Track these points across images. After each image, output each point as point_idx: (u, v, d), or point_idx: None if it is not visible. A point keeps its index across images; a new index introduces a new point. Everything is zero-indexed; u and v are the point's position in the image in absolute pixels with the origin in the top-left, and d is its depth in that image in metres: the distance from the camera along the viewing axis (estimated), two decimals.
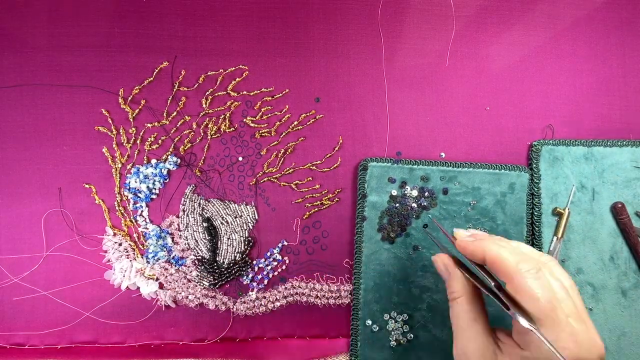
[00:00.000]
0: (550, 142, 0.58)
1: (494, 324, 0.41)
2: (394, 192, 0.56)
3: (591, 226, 0.57)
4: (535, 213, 0.57)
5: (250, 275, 0.56)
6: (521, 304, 0.36)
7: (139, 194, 0.56)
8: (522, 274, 0.36)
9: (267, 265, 0.57)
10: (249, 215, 0.57)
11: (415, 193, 0.56)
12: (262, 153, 0.57)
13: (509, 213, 0.57)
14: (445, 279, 0.42)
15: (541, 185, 0.57)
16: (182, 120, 0.56)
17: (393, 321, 0.56)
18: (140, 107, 0.56)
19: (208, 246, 0.56)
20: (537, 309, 0.35)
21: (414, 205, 0.56)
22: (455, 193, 0.57)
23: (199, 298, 0.56)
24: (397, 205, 0.56)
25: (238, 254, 0.56)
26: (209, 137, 0.56)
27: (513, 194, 0.57)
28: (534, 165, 0.57)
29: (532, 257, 0.38)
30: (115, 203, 0.56)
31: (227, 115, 0.57)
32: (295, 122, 0.57)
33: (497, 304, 0.38)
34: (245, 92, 0.57)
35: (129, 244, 0.56)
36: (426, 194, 0.56)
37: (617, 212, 0.56)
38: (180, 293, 0.56)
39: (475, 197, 0.57)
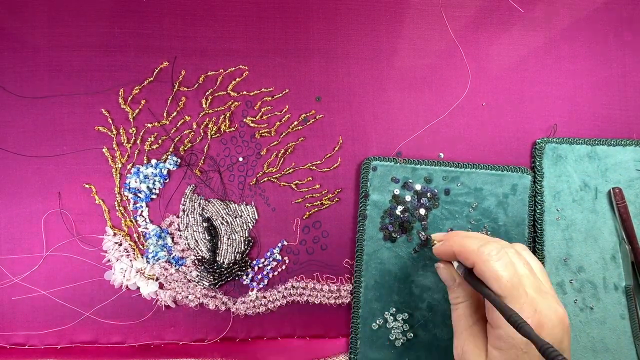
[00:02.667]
0: (554, 140, 0.58)
1: None
2: (397, 192, 0.56)
3: (593, 225, 0.57)
4: (538, 211, 0.57)
5: (250, 275, 0.56)
6: (488, 284, 0.38)
7: (139, 194, 0.56)
8: (484, 257, 0.38)
9: (267, 265, 0.57)
10: (248, 215, 0.57)
11: (417, 194, 0.56)
12: (262, 153, 0.57)
13: (510, 214, 0.57)
14: (448, 286, 0.44)
15: (544, 183, 0.57)
16: (182, 120, 0.56)
17: (393, 320, 0.56)
18: (140, 107, 0.56)
19: (208, 246, 0.56)
20: (500, 287, 0.37)
21: (417, 206, 0.56)
22: (457, 193, 0.57)
23: (199, 298, 0.55)
24: (400, 206, 0.56)
25: (238, 254, 0.56)
26: (209, 137, 0.56)
27: (515, 195, 0.57)
28: (537, 163, 0.57)
29: (495, 240, 0.40)
30: (115, 203, 0.56)
31: (227, 115, 0.57)
32: (295, 122, 0.57)
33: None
34: (245, 92, 0.57)
35: (129, 244, 0.56)
36: (429, 194, 0.56)
37: (616, 196, 0.56)
38: (180, 293, 0.56)
39: (477, 197, 0.57)
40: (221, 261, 0.56)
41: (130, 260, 0.55)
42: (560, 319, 0.37)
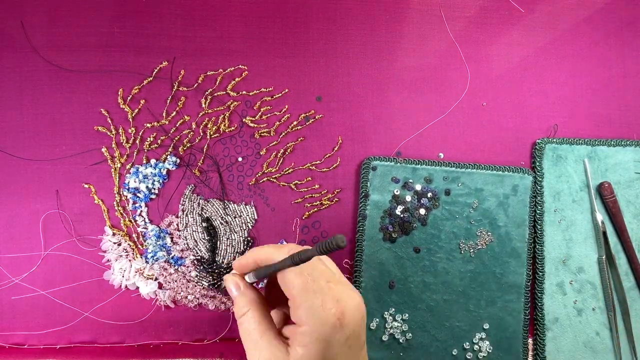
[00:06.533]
0: (554, 140, 0.58)
1: None
2: (397, 192, 0.56)
3: (593, 225, 0.57)
4: (538, 211, 0.57)
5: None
6: (291, 293, 0.38)
7: (138, 194, 0.56)
8: (265, 252, 0.40)
9: None
10: (248, 215, 0.57)
11: (417, 194, 0.56)
12: (261, 153, 0.57)
13: (511, 215, 0.57)
14: (233, 298, 0.42)
15: (544, 183, 0.57)
16: (181, 120, 0.56)
17: (392, 320, 0.56)
18: (139, 107, 0.56)
19: (207, 246, 0.56)
20: (297, 288, 0.37)
21: (417, 206, 0.56)
22: (458, 194, 0.57)
23: (198, 298, 0.55)
24: (400, 206, 0.56)
25: (237, 254, 0.56)
26: (208, 137, 0.56)
27: (516, 196, 0.57)
28: (537, 164, 0.57)
29: (283, 247, 0.40)
30: (115, 203, 0.56)
31: (227, 115, 0.57)
32: (295, 122, 0.57)
33: None
34: (244, 92, 0.57)
35: (128, 244, 0.56)
36: (429, 194, 0.56)
37: (604, 191, 0.56)
38: (180, 293, 0.55)
39: (478, 198, 0.57)
40: (220, 261, 0.56)
41: (130, 260, 0.55)
42: (357, 304, 0.38)
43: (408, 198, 0.56)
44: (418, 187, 0.56)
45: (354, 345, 0.38)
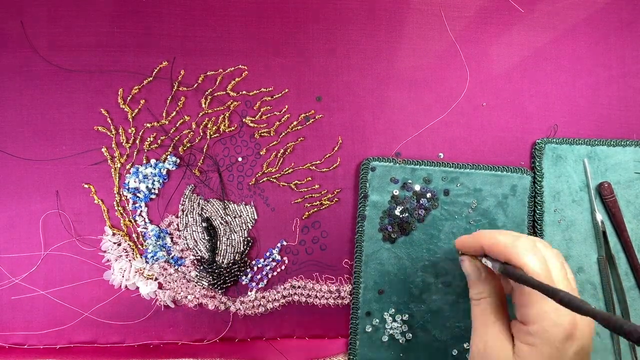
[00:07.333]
0: (554, 140, 0.58)
1: None
2: (396, 192, 0.56)
3: (593, 225, 0.57)
4: (537, 211, 0.57)
5: (250, 275, 0.56)
6: (525, 290, 0.37)
7: (138, 194, 0.56)
8: (519, 251, 0.38)
9: (266, 266, 0.57)
10: (248, 215, 0.57)
11: (416, 194, 0.56)
12: (261, 153, 0.57)
13: (510, 215, 0.57)
14: (471, 279, 0.44)
15: (544, 183, 0.57)
16: (181, 120, 0.56)
17: (392, 320, 0.56)
18: (139, 107, 0.56)
19: (207, 246, 0.56)
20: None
21: (416, 206, 0.56)
22: (457, 194, 0.57)
23: (198, 298, 0.55)
24: (399, 207, 0.56)
25: (237, 254, 0.56)
26: (208, 137, 0.56)
27: (515, 196, 0.57)
28: (537, 164, 0.57)
29: (527, 236, 0.40)
30: (115, 203, 0.56)
31: (227, 115, 0.57)
32: (295, 122, 0.57)
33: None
34: (244, 92, 0.57)
35: (128, 244, 0.56)
36: (428, 195, 0.56)
37: (604, 191, 0.56)
38: (180, 293, 0.55)
39: (477, 198, 0.57)
40: (220, 261, 0.56)
41: (129, 260, 0.55)
42: (589, 319, 0.36)
43: (407, 198, 0.56)
44: (417, 188, 0.56)
45: None
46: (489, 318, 0.41)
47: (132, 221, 0.56)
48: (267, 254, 0.57)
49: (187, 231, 0.56)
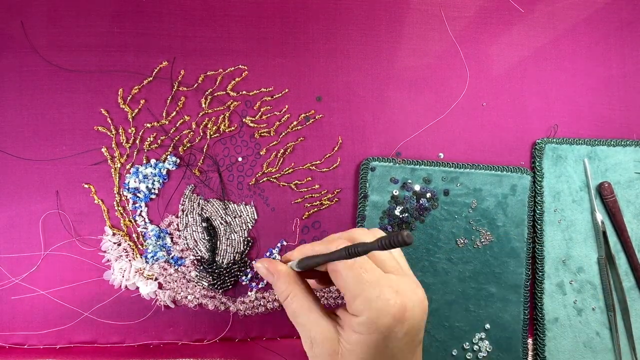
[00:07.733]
0: (554, 140, 0.58)
1: None
2: (396, 192, 0.56)
3: (593, 225, 0.57)
4: (538, 211, 0.57)
5: (250, 275, 0.56)
6: (344, 286, 0.36)
7: (138, 194, 0.56)
8: (332, 266, 0.37)
9: None
10: (248, 216, 0.57)
11: (416, 194, 0.56)
12: (261, 153, 0.57)
13: (510, 215, 0.57)
14: (272, 283, 0.42)
15: (544, 183, 0.57)
16: (181, 120, 0.56)
17: None
18: (139, 107, 0.56)
19: (207, 246, 0.56)
20: (352, 280, 0.36)
21: (416, 206, 0.56)
22: (457, 194, 0.57)
23: (198, 298, 0.55)
24: (399, 207, 0.56)
25: (237, 254, 0.56)
26: (208, 137, 0.56)
27: (514, 195, 0.57)
28: (537, 164, 0.57)
29: (334, 241, 0.38)
30: (115, 203, 0.56)
31: (227, 115, 0.57)
32: (295, 122, 0.57)
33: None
34: (244, 92, 0.57)
35: (128, 244, 0.56)
36: (428, 195, 0.56)
37: (604, 191, 0.56)
38: (180, 293, 0.55)
39: (477, 198, 0.57)
40: (220, 261, 0.56)
41: (129, 260, 0.55)
42: (419, 299, 0.37)
43: (407, 198, 0.56)
44: (417, 188, 0.56)
45: (411, 342, 0.36)
46: (304, 311, 0.39)
47: (132, 221, 0.56)
48: (267, 254, 0.57)
49: (187, 231, 0.56)
